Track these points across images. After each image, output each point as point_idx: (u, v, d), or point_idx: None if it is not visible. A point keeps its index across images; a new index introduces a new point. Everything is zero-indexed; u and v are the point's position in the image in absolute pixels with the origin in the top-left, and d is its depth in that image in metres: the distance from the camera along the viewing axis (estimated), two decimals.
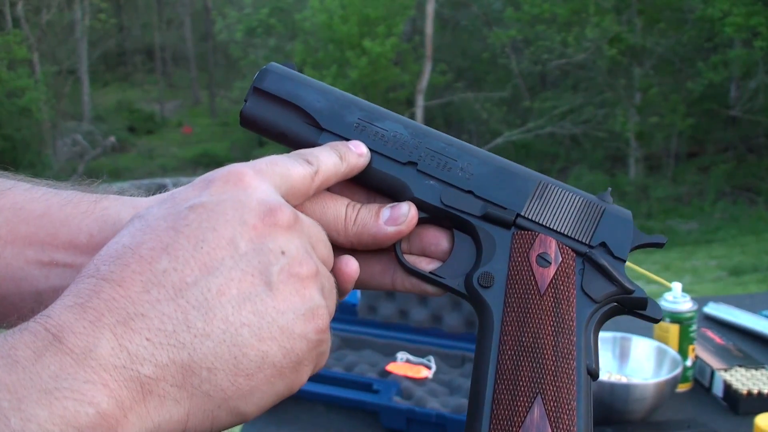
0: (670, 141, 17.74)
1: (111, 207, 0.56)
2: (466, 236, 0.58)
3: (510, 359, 0.52)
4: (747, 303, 1.90)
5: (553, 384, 0.51)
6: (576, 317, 0.53)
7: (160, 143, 25.55)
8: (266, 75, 0.61)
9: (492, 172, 0.58)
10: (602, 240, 0.57)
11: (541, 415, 0.50)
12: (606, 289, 0.55)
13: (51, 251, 0.54)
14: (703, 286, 9.63)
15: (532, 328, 0.52)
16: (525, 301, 0.54)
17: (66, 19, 24.77)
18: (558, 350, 0.52)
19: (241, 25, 20.78)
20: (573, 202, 0.58)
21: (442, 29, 21.51)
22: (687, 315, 1.51)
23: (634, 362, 1.49)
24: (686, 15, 17.19)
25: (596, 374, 0.54)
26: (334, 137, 0.59)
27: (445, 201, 0.58)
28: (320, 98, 0.60)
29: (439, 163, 0.58)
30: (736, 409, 1.42)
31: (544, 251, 0.55)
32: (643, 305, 0.56)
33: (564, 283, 0.54)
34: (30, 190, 0.57)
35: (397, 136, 0.59)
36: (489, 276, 0.55)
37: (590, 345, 0.54)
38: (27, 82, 20.28)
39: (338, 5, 17.57)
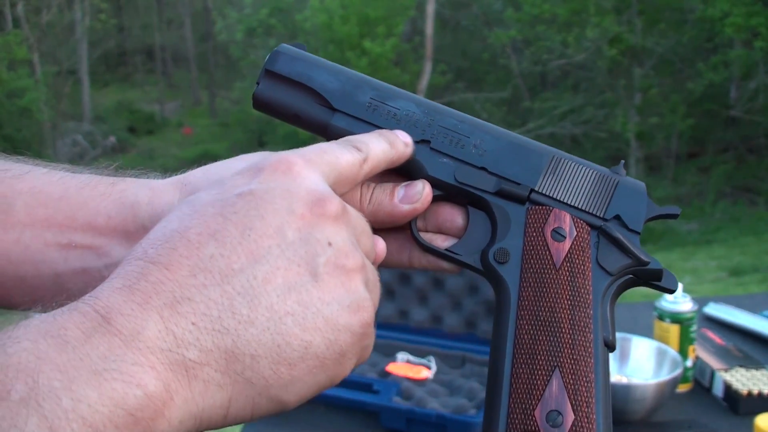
0: (671, 141, 17.73)
1: (128, 189, 0.57)
2: (480, 212, 0.58)
3: (527, 333, 0.52)
4: (747, 303, 1.90)
5: (570, 357, 0.51)
6: (592, 290, 0.54)
7: (160, 144, 25.54)
8: (278, 57, 0.61)
9: (505, 148, 0.58)
10: (616, 213, 0.57)
11: (559, 388, 0.50)
12: (621, 261, 0.55)
13: (69, 233, 0.55)
14: (704, 286, 9.63)
15: (548, 303, 0.53)
16: (541, 275, 0.54)
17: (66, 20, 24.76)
18: (575, 323, 0.52)
19: (241, 26, 20.77)
20: (586, 176, 0.58)
21: (442, 29, 21.50)
22: (687, 315, 1.51)
23: (634, 362, 1.49)
24: (686, 15, 17.19)
25: (613, 346, 0.54)
26: (347, 117, 0.59)
27: (459, 178, 0.58)
28: (332, 78, 0.60)
29: (452, 141, 0.58)
30: (737, 409, 1.42)
31: (558, 225, 0.56)
32: (659, 276, 0.56)
33: (579, 257, 0.55)
34: (48, 174, 0.57)
35: (410, 115, 0.59)
36: (505, 251, 0.55)
37: (606, 317, 0.54)
38: (27, 83, 20.28)
39: (338, 6, 17.57)
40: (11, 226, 0.55)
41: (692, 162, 18.64)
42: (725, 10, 15.24)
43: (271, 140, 22.40)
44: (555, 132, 17.88)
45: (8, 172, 0.57)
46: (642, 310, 1.89)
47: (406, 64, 18.95)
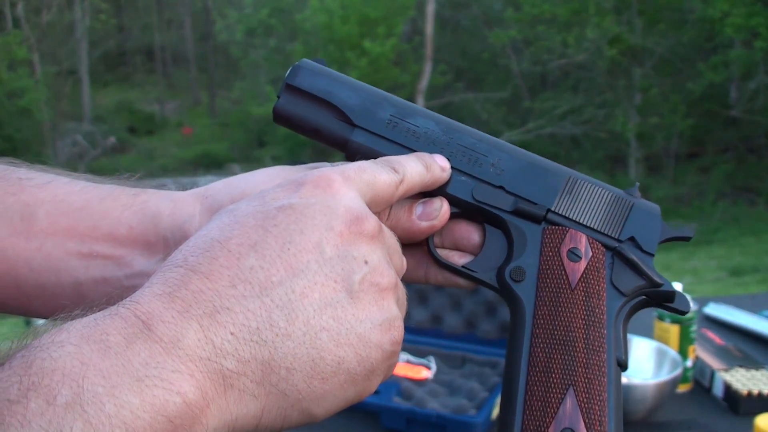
0: (671, 141, 17.73)
1: (150, 200, 0.57)
2: (497, 231, 0.59)
3: (542, 352, 0.53)
4: (747, 303, 1.90)
5: (584, 376, 0.52)
6: (606, 310, 0.54)
7: (160, 144, 25.53)
8: (298, 71, 0.61)
9: (522, 168, 0.59)
10: (631, 234, 0.58)
11: (573, 407, 0.51)
12: (635, 282, 0.56)
13: (91, 243, 0.56)
14: (704, 286, 9.62)
15: (563, 322, 0.53)
16: (556, 295, 0.55)
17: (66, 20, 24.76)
18: (589, 343, 0.53)
19: (241, 26, 20.77)
20: (602, 197, 0.59)
21: (442, 30, 21.50)
22: (687, 315, 1.51)
23: (634, 363, 1.49)
24: (686, 15, 17.18)
25: (625, 365, 0.54)
26: (367, 133, 0.59)
27: (476, 196, 0.59)
28: (352, 94, 0.60)
29: (470, 159, 0.59)
30: (736, 409, 1.42)
31: (574, 246, 0.57)
32: (671, 298, 0.57)
33: (594, 278, 0.55)
34: (69, 184, 0.58)
35: (429, 133, 0.59)
36: (521, 270, 0.56)
37: (620, 337, 0.54)
38: (27, 83, 20.27)
39: (338, 6, 17.56)
40: (33, 234, 0.55)
41: (692, 162, 18.63)
42: (725, 10, 15.24)
43: (271, 140, 22.40)
44: (555, 132, 17.88)
45: (31, 180, 0.57)
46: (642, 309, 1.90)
47: (406, 64, 18.94)
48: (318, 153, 19.56)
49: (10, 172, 0.59)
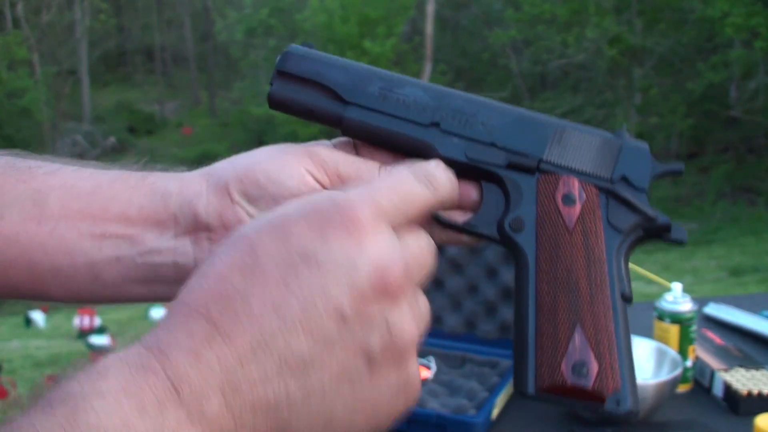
0: (670, 141, 17.74)
1: (158, 181, 0.58)
2: (493, 186, 0.61)
3: (548, 294, 0.55)
4: (747, 303, 1.90)
5: (590, 312, 0.54)
6: (605, 248, 0.57)
7: (160, 144, 25.52)
8: (288, 57, 0.62)
9: (511, 123, 0.60)
10: (623, 174, 0.60)
11: (582, 342, 0.53)
12: (631, 219, 0.58)
13: (103, 224, 0.56)
14: (704, 286, 9.63)
15: (565, 263, 0.56)
16: (555, 239, 0.57)
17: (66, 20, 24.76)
18: (592, 281, 0.55)
19: (241, 26, 20.78)
20: (591, 142, 0.60)
21: (442, 29, 21.50)
22: (687, 315, 1.51)
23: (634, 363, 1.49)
24: (686, 15, 17.18)
25: (630, 298, 0.57)
26: (359, 108, 0.60)
27: (470, 155, 0.60)
28: (341, 73, 0.62)
29: (460, 121, 0.61)
30: (736, 409, 1.42)
31: (568, 191, 0.58)
32: (668, 230, 0.60)
33: (590, 219, 0.58)
34: (78, 170, 0.59)
35: (418, 100, 0.61)
36: (519, 220, 0.58)
37: (622, 273, 0.57)
38: (27, 83, 20.28)
39: (338, 6, 17.58)
40: (46, 219, 0.56)
41: (692, 162, 18.62)
42: (725, 10, 15.25)
43: (271, 140, 22.31)
44: None
45: (40, 168, 0.59)
46: (641, 310, 1.89)
47: (406, 64, 18.94)
48: None
49: (19, 162, 0.60)
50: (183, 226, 0.57)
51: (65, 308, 12.88)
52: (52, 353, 8.53)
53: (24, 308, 12.35)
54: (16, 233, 0.56)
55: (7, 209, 0.56)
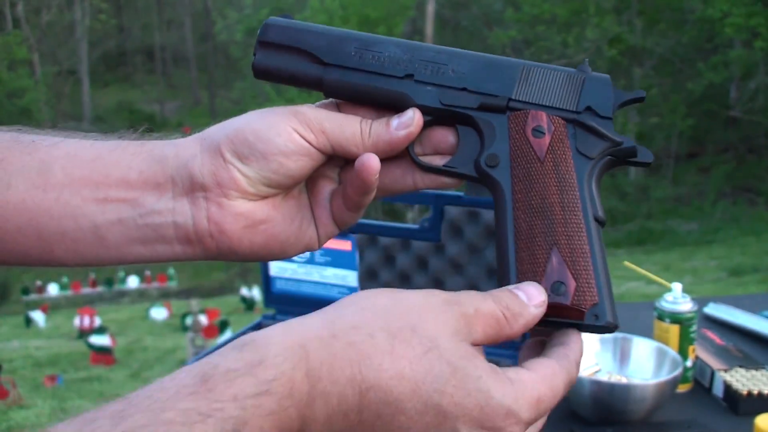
0: (671, 141, 17.74)
1: (156, 147, 0.62)
2: (468, 128, 0.65)
3: (524, 221, 0.59)
4: (747, 303, 1.89)
5: (565, 234, 0.58)
6: (576, 175, 0.60)
7: None
8: (268, 28, 0.66)
9: (480, 68, 0.65)
10: (587, 104, 0.63)
11: (559, 262, 0.57)
12: (598, 145, 0.62)
13: (105, 189, 0.59)
14: (704, 286, 9.63)
15: (538, 191, 0.59)
16: (528, 169, 0.60)
17: (66, 20, 24.76)
18: (565, 205, 0.59)
19: (241, 26, 20.77)
20: (555, 78, 0.64)
21: (442, 30, 21.50)
22: (687, 315, 1.51)
23: (634, 363, 1.49)
24: (686, 15, 17.19)
25: (603, 221, 0.60)
26: (338, 68, 0.64)
27: (444, 101, 0.64)
28: (319, 38, 0.65)
29: (432, 70, 0.65)
30: (736, 409, 1.42)
31: (537, 124, 0.62)
32: (634, 153, 0.63)
33: (560, 148, 0.61)
34: (80, 141, 0.62)
35: (392, 55, 0.65)
36: (494, 156, 0.62)
37: (593, 197, 0.60)
38: (27, 83, 20.28)
39: (338, 6, 17.58)
40: (51, 186, 0.59)
41: (692, 162, 18.63)
42: (725, 11, 15.25)
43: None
44: None
45: (44, 141, 0.62)
46: (642, 310, 1.89)
47: None
48: None
49: (23, 136, 0.63)
50: (180, 187, 0.60)
51: (65, 308, 12.88)
52: (52, 353, 8.52)
53: (24, 308, 12.35)
54: (23, 201, 0.59)
55: (13, 179, 0.59)
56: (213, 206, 0.59)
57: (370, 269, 1.70)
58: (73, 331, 9.58)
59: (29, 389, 6.80)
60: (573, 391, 1.34)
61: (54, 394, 6.58)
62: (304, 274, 1.74)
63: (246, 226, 0.60)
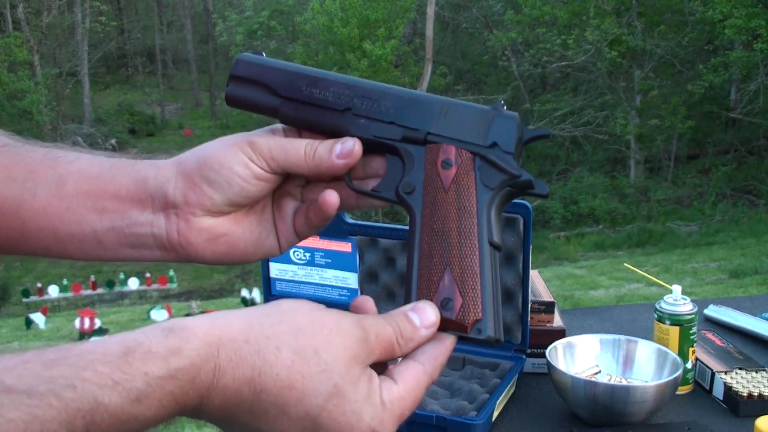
0: (671, 143, 17.74)
1: (141, 168, 0.72)
2: (395, 157, 0.72)
3: (426, 243, 0.67)
4: (747, 305, 1.89)
5: (458, 257, 0.65)
6: (477, 203, 0.67)
7: (160, 145, 25.51)
8: (238, 64, 0.76)
9: (407, 104, 0.72)
10: (493, 140, 0.69)
11: (450, 282, 0.64)
12: (498, 178, 0.68)
13: (102, 201, 0.71)
14: (704, 288, 9.63)
15: (440, 217, 0.67)
16: (434, 197, 0.68)
17: (66, 22, 24.77)
18: (461, 231, 0.66)
19: (241, 28, 20.78)
20: (469, 115, 0.71)
21: (442, 31, 21.51)
22: (687, 317, 1.50)
23: (634, 365, 1.49)
24: (686, 17, 17.20)
25: (499, 247, 0.67)
26: (290, 101, 0.74)
27: (374, 133, 0.72)
28: (278, 74, 0.75)
29: (368, 105, 0.72)
30: (737, 411, 1.42)
31: (446, 157, 0.69)
32: (531, 185, 0.69)
33: (464, 179, 0.68)
34: (90, 159, 0.74)
35: (335, 91, 0.73)
36: (409, 183, 0.69)
37: (492, 224, 0.67)
38: (27, 85, 20.28)
39: (339, 8, 17.58)
40: (64, 197, 0.72)
41: (692, 164, 18.63)
42: (725, 12, 15.25)
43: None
44: (555, 134, 17.88)
45: (66, 157, 0.74)
46: (641, 312, 1.89)
47: (406, 65, 18.95)
48: None
49: (54, 152, 0.75)
50: (158, 204, 0.71)
51: (65, 310, 12.89)
52: None
53: (24, 310, 12.36)
54: (44, 207, 0.72)
55: (39, 188, 0.72)
56: (182, 222, 0.70)
57: (371, 271, 1.70)
58: (74, 333, 9.58)
59: None
60: (573, 393, 1.34)
61: None
62: (305, 276, 1.74)
63: (208, 238, 0.71)
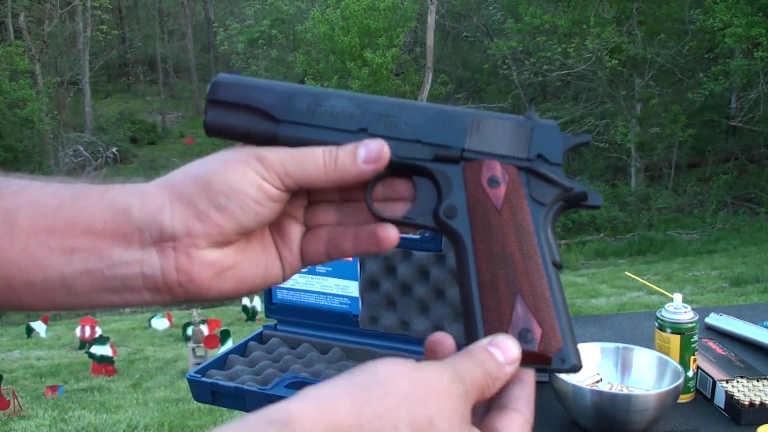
0: (671, 151, 17.74)
1: (118, 196, 0.60)
2: (424, 179, 0.65)
3: (487, 271, 0.61)
4: (748, 313, 1.89)
5: (527, 282, 0.60)
6: (532, 221, 0.62)
7: (161, 154, 25.56)
8: (217, 87, 0.67)
9: (431, 119, 0.65)
10: (538, 152, 0.64)
11: (523, 310, 0.59)
12: (551, 192, 0.63)
13: (71, 239, 0.59)
14: (705, 296, 9.61)
15: (498, 240, 0.61)
16: (487, 219, 0.62)
17: (68, 31, 24.83)
18: (524, 253, 0.61)
19: (242, 37, 20.83)
20: (505, 127, 0.65)
21: (443, 40, 21.56)
22: (688, 325, 1.51)
23: (635, 373, 1.49)
24: (686, 26, 17.22)
25: (560, 265, 0.62)
26: (292, 124, 0.65)
27: (398, 154, 0.64)
28: (270, 94, 0.66)
29: (385, 124, 0.65)
30: (738, 420, 1.42)
31: (492, 174, 0.63)
32: (585, 197, 0.64)
33: (515, 196, 0.63)
34: (44, 187, 0.61)
35: (345, 109, 0.65)
36: (452, 207, 0.63)
37: (550, 242, 0.62)
38: (29, 93, 20.32)
39: (339, 16, 17.62)
40: (17, 236, 0.59)
41: (693, 172, 18.64)
42: (725, 21, 15.28)
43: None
44: None
45: (9, 187, 0.61)
46: (642, 320, 1.89)
47: (407, 74, 18.99)
48: None
49: None
50: (148, 238, 0.59)
51: (66, 318, 12.87)
52: (53, 363, 8.51)
53: (25, 318, 12.33)
54: None
55: None
56: (182, 256, 0.59)
57: (372, 279, 1.70)
58: (74, 341, 9.56)
59: (30, 399, 6.78)
60: (574, 401, 1.34)
61: (55, 404, 6.56)
62: (306, 284, 1.75)
63: (215, 273, 0.60)
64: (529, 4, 18.00)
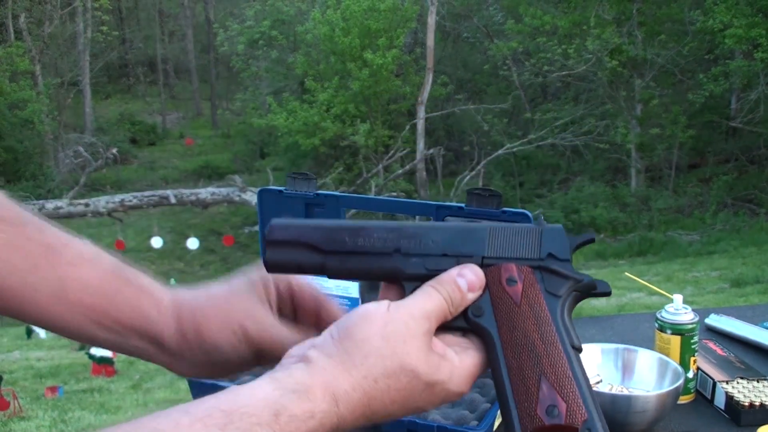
0: (671, 152, 17.74)
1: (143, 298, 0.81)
2: None
3: (513, 358, 0.69)
4: (749, 314, 1.89)
5: (549, 364, 0.68)
6: (549, 311, 0.71)
7: (162, 155, 25.58)
8: (274, 230, 0.78)
9: (454, 235, 0.76)
10: (549, 251, 0.74)
11: (548, 389, 0.67)
12: (564, 285, 0.73)
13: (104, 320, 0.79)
14: (705, 297, 9.60)
15: (520, 331, 0.70)
16: (509, 314, 0.71)
17: (68, 32, 24.85)
18: (544, 339, 0.69)
19: (242, 38, 20.82)
20: (518, 234, 0.75)
21: (443, 41, 21.55)
22: (688, 326, 1.50)
23: (635, 374, 1.49)
24: (686, 27, 17.23)
25: (579, 348, 0.70)
26: (335, 254, 0.76)
27: (429, 267, 0.74)
28: (316, 232, 0.77)
29: (415, 243, 0.75)
30: (738, 421, 1.42)
31: (509, 275, 0.73)
32: (594, 287, 0.73)
33: (532, 292, 0.72)
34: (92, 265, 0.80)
35: (380, 236, 0.76)
36: (479, 307, 0.72)
37: (568, 328, 0.71)
38: (29, 94, 20.32)
39: (340, 17, 17.62)
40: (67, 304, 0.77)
41: (693, 173, 18.63)
42: (725, 22, 15.28)
43: (272, 151, 22.41)
44: (556, 143, 17.90)
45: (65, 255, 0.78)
46: (643, 321, 1.89)
47: (407, 75, 18.98)
48: (318, 164, 19.58)
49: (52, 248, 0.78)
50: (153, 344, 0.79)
51: None
52: (53, 364, 8.50)
53: None
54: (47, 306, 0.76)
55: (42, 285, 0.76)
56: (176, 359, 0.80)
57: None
58: (74, 343, 9.55)
59: (30, 400, 6.78)
60: None
61: (55, 405, 6.56)
62: None
63: None
64: (529, 5, 18.01)
